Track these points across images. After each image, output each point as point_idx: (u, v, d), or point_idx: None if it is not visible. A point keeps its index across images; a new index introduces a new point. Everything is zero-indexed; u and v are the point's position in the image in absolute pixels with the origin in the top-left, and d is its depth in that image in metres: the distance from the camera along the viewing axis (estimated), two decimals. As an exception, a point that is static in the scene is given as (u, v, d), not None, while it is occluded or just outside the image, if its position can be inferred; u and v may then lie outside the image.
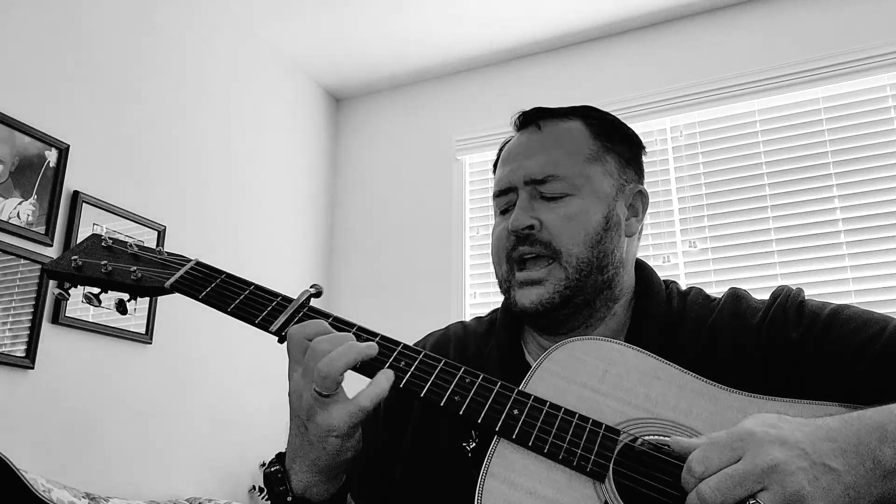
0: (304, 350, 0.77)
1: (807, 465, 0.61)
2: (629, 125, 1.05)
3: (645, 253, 3.03)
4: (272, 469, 0.82)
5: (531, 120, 1.01)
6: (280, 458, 0.83)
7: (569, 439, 0.73)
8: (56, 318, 2.27)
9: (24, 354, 2.17)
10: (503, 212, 0.99)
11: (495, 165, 1.06)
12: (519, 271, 0.93)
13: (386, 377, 0.76)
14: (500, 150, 1.06)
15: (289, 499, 0.80)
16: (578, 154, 0.95)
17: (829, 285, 2.76)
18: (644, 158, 1.04)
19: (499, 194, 0.99)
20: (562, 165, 0.93)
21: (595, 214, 0.92)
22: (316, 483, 0.80)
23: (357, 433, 0.78)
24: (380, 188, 3.77)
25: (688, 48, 3.21)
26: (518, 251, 0.93)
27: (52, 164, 2.35)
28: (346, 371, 0.75)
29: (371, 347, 0.78)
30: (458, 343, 1.03)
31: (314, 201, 3.72)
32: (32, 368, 2.18)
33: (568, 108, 1.01)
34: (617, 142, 0.99)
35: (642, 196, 1.01)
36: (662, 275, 1.03)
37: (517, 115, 1.03)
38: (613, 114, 1.04)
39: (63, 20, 2.46)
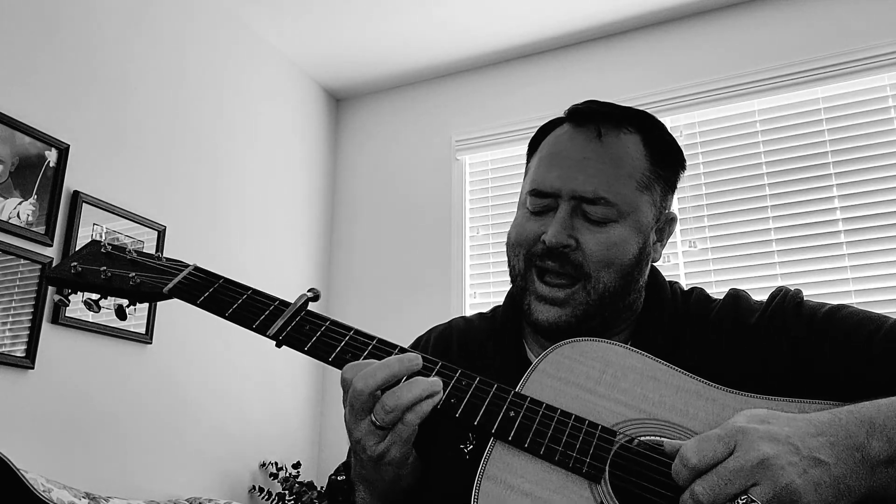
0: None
1: (797, 459, 0.62)
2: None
3: (645, 253, 3.03)
4: (339, 478, 0.83)
5: (590, 121, 0.93)
6: (347, 466, 0.84)
7: (565, 441, 0.73)
8: (56, 318, 2.28)
9: (24, 354, 2.17)
10: (535, 212, 0.93)
11: (531, 148, 1.00)
12: (540, 282, 0.90)
13: (426, 399, 0.74)
14: (542, 130, 1.00)
15: None
16: (632, 180, 0.90)
17: (829, 285, 2.76)
18: (682, 177, 1.00)
19: (538, 194, 0.92)
20: (614, 189, 0.89)
21: (632, 246, 0.89)
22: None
23: (411, 458, 0.79)
24: (380, 188, 3.77)
25: (688, 48, 3.21)
26: (547, 264, 0.90)
27: (52, 164, 2.35)
28: (411, 405, 0.74)
29: (436, 384, 0.75)
30: (460, 338, 1.03)
31: (314, 201, 3.72)
32: (32, 368, 2.19)
33: (625, 111, 0.95)
34: (668, 166, 0.95)
35: (672, 223, 0.98)
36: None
37: (573, 107, 0.96)
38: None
39: (63, 20, 2.47)
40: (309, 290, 0.89)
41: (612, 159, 0.90)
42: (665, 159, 0.95)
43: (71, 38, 2.49)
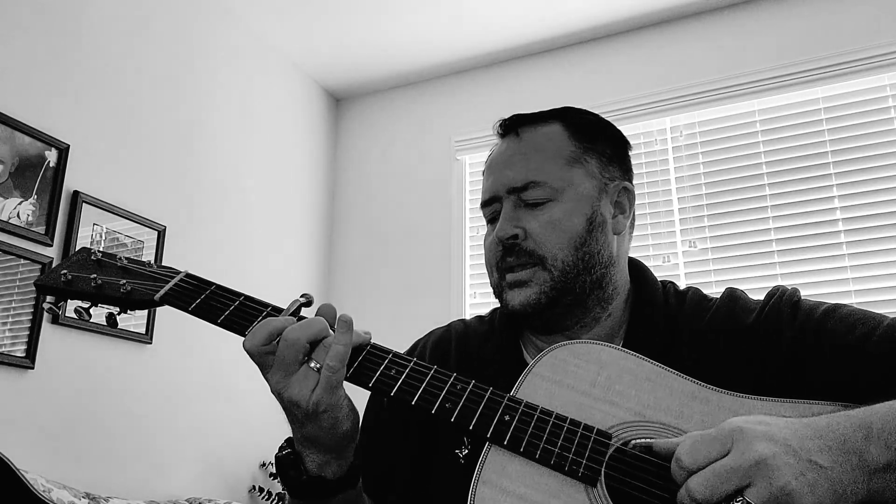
0: (270, 351, 0.78)
1: (793, 461, 0.62)
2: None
3: (645, 253, 3.03)
4: (284, 453, 0.83)
5: (511, 128, 1.01)
6: (290, 442, 0.84)
7: (560, 444, 0.73)
8: (56, 319, 2.28)
9: (24, 354, 2.18)
10: (491, 221, 1.00)
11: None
12: (508, 273, 0.94)
13: (341, 332, 0.78)
14: (488, 158, 1.06)
15: (304, 478, 0.81)
16: (558, 158, 0.95)
17: (829, 285, 2.76)
18: (631, 155, 1.04)
19: (485, 204, 1.00)
20: (541, 171, 0.94)
21: (577, 217, 0.93)
22: (328, 461, 0.81)
23: (344, 401, 0.79)
24: (380, 188, 3.78)
25: (688, 48, 3.21)
26: (506, 262, 0.94)
27: (52, 164, 2.36)
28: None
29: (345, 316, 0.80)
30: (458, 341, 1.04)
31: (314, 201, 3.72)
32: (32, 368, 2.19)
33: (547, 111, 1.02)
34: (598, 140, 0.99)
35: (628, 192, 1.00)
36: (662, 275, 1.03)
37: (497, 123, 1.03)
38: (604, 113, 1.05)
39: (63, 20, 2.47)
40: (302, 296, 0.88)
41: (532, 148, 0.97)
42: (590, 133, 0.99)
43: (71, 38, 2.49)
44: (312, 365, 0.77)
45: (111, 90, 2.62)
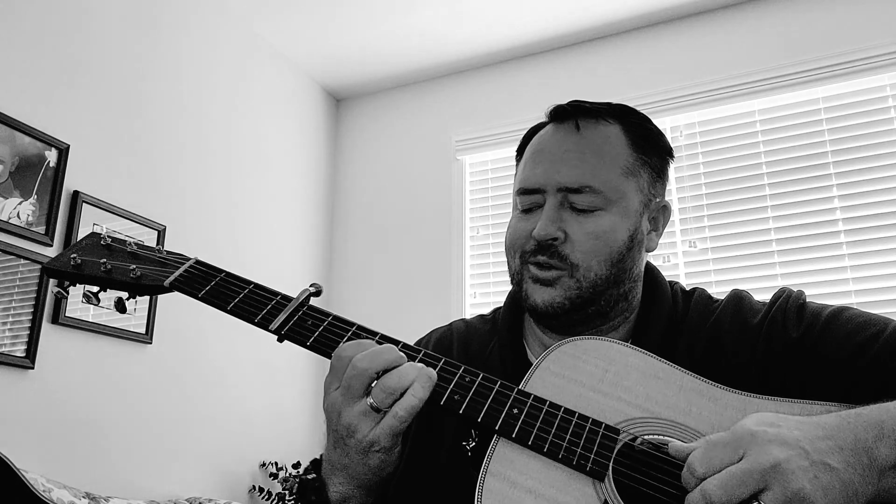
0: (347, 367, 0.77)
1: (807, 464, 0.62)
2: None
3: (645, 253, 3.03)
4: (309, 476, 0.82)
5: (569, 116, 0.96)
6: (316, 464, 0.83)
7: (568, 438, 0.73)
8: (56, 318, 2.28)
9: (24, 354, 2.17)
10: (526, 210, 0.95)
11: (519, 152, 1.02)
12: (534, 267, 0.92)
13: (422, 385, 0.75)
14: (527, 135, 1.01)
15: None
16: (616, 166, 0.92)
17: (829, 285, 2.76)
18: (671, 166, 1.01)
19: (524, 192, 0.94)
20: (599, 177, 0.90)
21: (621, 233, 0.90)
22: (355, 495, 0.80)
23: (398, 447, 0.78)
24: (380, 188, 3.78)
25: (688, 48, 3.22)
26: (536, 258, 0.91)
27: (52, 164, 2.35)
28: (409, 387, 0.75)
29: (431, 372, 0.77)
30: (460, 340, 1.03)
31: (314, 201, 3.72)
32: (32, 368, 2.18)
33: (605, 105, 0.97)
34: (652, 153, 0.96)
35: (665, 211, 0.98)
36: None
37: (552, 107, 0.98)
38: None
39: (63, 20, 2.46)
40: (311, 286, 0.88)
41: (592, 148, 0.92)
42: (648, 146, 0.96)
43: (71, 38, 2.49)
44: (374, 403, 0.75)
45: (111, 90, 2.62)
